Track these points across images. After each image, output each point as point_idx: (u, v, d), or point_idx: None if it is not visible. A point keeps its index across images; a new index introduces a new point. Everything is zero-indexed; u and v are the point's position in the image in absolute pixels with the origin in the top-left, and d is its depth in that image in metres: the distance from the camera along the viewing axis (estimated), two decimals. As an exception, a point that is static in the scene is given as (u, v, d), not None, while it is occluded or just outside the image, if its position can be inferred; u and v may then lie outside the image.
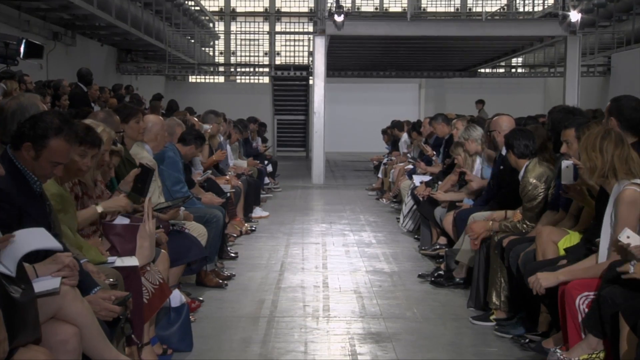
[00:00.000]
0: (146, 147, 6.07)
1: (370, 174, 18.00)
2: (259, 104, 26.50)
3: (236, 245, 8.57)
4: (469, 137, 7.35)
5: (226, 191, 8.39)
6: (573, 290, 3.92)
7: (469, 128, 7.45)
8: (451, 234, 7.06)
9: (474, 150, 7.39)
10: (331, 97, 19.76)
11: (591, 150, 4.03)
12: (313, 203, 13.16)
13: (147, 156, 5.93)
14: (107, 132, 4.59)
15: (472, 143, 7.37)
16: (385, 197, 12.62)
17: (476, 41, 18.02)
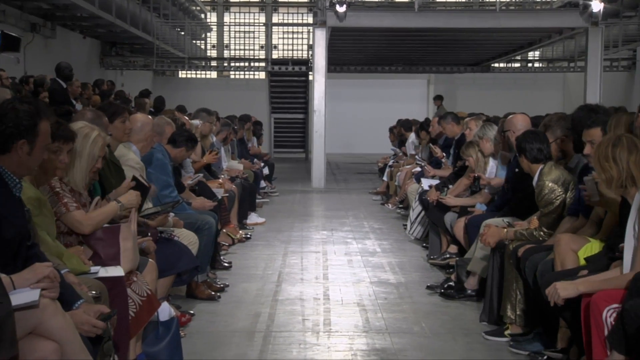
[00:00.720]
0: (133, 147, 6.08)
1: (374, 177, 18.01)
2: (255, 102, 26.53)
3: (230, 254, 8.57)
4: (484, 135, 7.36)
5: (219, 196, 8.40)
6: (600, 302, 3.90)
7: (486, 126, 7.46)
8: (462, 241, 7.07)
9: (489, 150, 7.40)
10: (332, 94, 19.79)
11: (604, 160, 4.06)
12: (313, 208, 13.16)
13: (134, 158, 5.94)
14: (102, 137, 4.61)
15: (487, 143, 7.37)
16: (391, 202, 12.63)
17: (489, 33, 18.04)
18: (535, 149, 5.68)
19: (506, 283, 5.49)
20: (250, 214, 10.80)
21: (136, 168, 5.91)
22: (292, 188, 15.78)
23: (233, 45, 28.72)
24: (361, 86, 28.84)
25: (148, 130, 6.22)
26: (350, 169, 21.12)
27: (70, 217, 4.31)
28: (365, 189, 15.55)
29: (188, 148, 7.41)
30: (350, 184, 17.16)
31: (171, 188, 6.67)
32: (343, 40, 18.91)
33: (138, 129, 6.12)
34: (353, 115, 28.67)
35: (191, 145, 7.46)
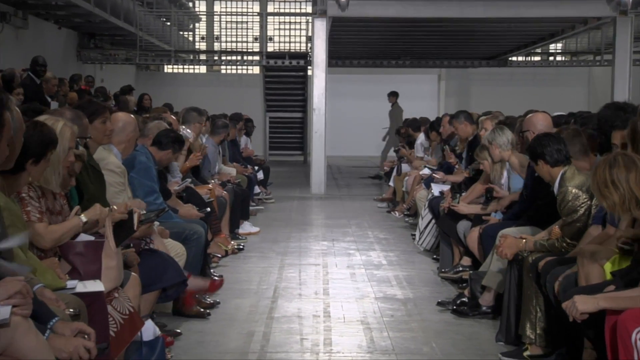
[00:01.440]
0: (114, 150, 6.09)
1: (379, 182, 18.01)
2: (248, 99, 26.55)
3: (221, 267, 8.59)
4: (493, 140, 7.37)
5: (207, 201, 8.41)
6: (628, 322, 3.87)
7: (495, 131, 7.46)
8: (476, 253, 7.08)
9: (498, 157, 7.41)
10: (334, 90, 19.84)
11: (603, 186, 4.09)
12: (312, 217, 13.17)
13: (115, 161, 5.95)
14: (69, 127, 4.60)
15: (496, 149, 7.38)
16: (398, 209, 12.64)
17: (507, 24, 18.07)
18: (554, 150, 5.67)
19: (525, 299, 5.49)
20: (243, 222, 10.80)
21: (117, 172, 5.92)
22: (289, 194, 15.79)
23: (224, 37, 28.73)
24: (365, 82, 28.87)
25: (130, 130, 6.23)
26: (353, 173, 21.14)
27: (30, 229, 4.18)
28: (369, 195, 15.56)
29: (175, 150, 7.42)
30: (353, 189, 17.17)
31: (156, 194, 6.68)
32: (345, 31, 18.94)
33: (119, 129, 6.13)
34: (356, 114, 28.69)
35: (178, 147, 7.48)
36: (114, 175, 5.89)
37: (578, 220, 5.46)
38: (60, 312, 3.55)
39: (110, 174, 5.83)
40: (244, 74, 29.61)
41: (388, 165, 15.68)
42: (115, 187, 5.89)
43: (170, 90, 26.42)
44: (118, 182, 5.92)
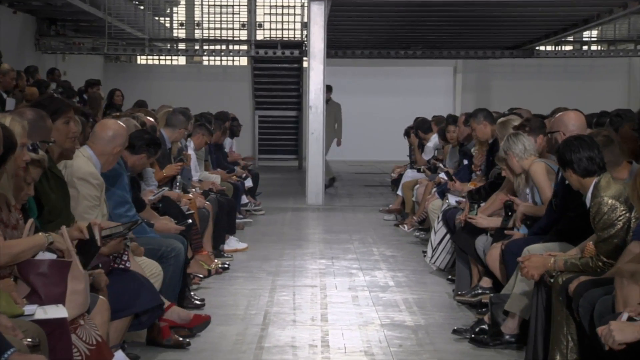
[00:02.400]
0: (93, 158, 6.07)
1: (386, 190, 18.02)
2: (234, 95, 26.53)
3: (203, 288, 8.59)
4: (509, 150, 7.37)
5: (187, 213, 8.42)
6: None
7: (510, 138, 7.45)
8: (498, 273, 7.08)
9: (518, 169, 7.41)
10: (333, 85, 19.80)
11: None
12: (308, 231, 13.17)
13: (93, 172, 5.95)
14: (18, 121, 4.59)
15: (513, 160, 7.38)
16: (408, 222, 12.64)
17: (534, 8, 18.08)
18: (585, 159, 5.63)
19: (554, 326, 5.50)
20: (228, 238, 10.80)
21: (93, 184, 5.92)
22: (282, 205, 15.79)
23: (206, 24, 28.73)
24: (369, 76, 28.87)
25: (119, 143, 6.24)
26: (356, 181, 21.15)
27: None
28: (374, 206, 15.56)
29: (150, 154, 7.43)
30: (355, 199, 17.18)
31: (128, 205, 6.68)
32: (346, 17, 18.95)
33: (107, 139, 6.15)
34: (359, 112, 28.63)
35: (154, 150, 7.48)
36: (90, 187, 5.89)
37: (615, 236, 5.44)
38: (17, 342, 3.55)
39: (84, 184, 5.84)
40: (230, 66, 29.59)
41: (397, 172, 15.71)
42: (89, 201, 5.89)
43: (144, 85, 26.41)
44: (93, 195, 5.92)
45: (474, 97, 27.74)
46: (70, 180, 5.85)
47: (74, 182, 5.87)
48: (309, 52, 16.30)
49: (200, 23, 28.03)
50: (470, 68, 28.97)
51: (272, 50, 24.64)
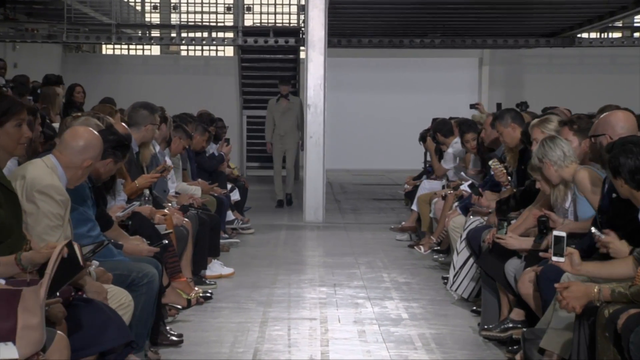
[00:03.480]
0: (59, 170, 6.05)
1: (399, 205, 18.01)
2: (218, 91, 26.57)
3: (181, 322, 8.56)
4: (544, 157, 7.35)
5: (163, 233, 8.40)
6: None
7: (546, 143, 7.42)
8: (532, 303, 7.06)
9: (557, 179, 7.38)
10: (336, 80, 19.88)
11: None
12: (306, 253, 13.16)
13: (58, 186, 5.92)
14: None
15: (550, 168, 7.36)
16: (424, 243, 12.63)
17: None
18: (636, 167, 5.63)
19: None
20: (211, 261, 10.79)
21: (57, 201, 5.89)
22: (275, 222, 15.80)
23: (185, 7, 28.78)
24: (379, 69, 28.89)
25: (91, 155, 6.16)
26: (363, 194, 21.14)
27: None
28: (384, 223, 15.55)
29: (117, 158, 7.38)
30: (362, 216, 17.18)
31: (91, 223, 6.66)
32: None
33: (78, 150, 6.08)
34: (366, 112, 28.71)
35: (121, 153, 7.43)
36: (52, 203, 5.86)
37: (673, 260, 5.45)
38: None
39: (46, 200, 5.80)
40: (213, 57, 29.62)
41: (411, 183, 15.68)
42: (51, 220, 5.86)
43: (110, 80, 26.43)
44: (56, 213, 5.89)
45: (503, 94, 27.69)
46: (28, 193, 5.82)
47: (32, 196, 5.83)
48: (306, 41, 16.28)
49: (177, 6, 28.02)
50: (499, 60, 28.97)
51: (263, 38, 24.62)
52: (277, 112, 18.75)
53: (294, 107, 18.71)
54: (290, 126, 18.60)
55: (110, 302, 5.75)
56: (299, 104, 18.67)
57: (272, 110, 18.92)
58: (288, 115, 18.61)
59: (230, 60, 28.26)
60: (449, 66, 29.12)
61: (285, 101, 18.74)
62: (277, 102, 18.80)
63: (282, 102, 18.75)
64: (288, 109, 18.61)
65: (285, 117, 18.66)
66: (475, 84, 29.63)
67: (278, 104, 18.79)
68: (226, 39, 25.39)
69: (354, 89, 28.63)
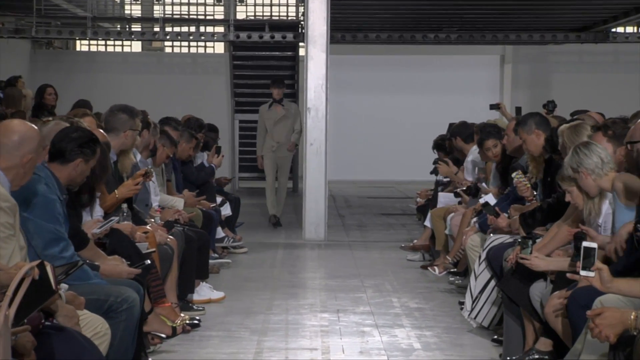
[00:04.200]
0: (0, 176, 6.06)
1: (410, 221, 18.01)
2: (207, 93, 26.57)
3: (165, 352, 8.55)
4: (580, 166, 7.34)
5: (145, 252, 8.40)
6: None
7: (580, 150, 7.41)
8: (560, 332, 7.06)
9: (594, 190, 7.37)
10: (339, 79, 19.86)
11: None
12: (306, 274, 13.17)
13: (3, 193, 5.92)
14: None
15: (587, 178, 7.34)
16: (439, 263, 12.62)
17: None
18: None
19: (637, 404, 5.47)
20: (199, 284, 10.78)
21: (3, 209, 5.89)
22: (271, 240, 15.82)
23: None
24: (387, 67, 28.91)
25: (29, 149, 6.15)
26: (369, 208, 21.15)
27: None
28: (394, 241, 15.57)
29: (87, 157, 7.29)
30: (369, 232, 17.19)
31: (64, 243, 6.64)
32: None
33: (13, 146, 6.06)
34: (374, 116, 28.72)
35: (90, 150, 7.34)
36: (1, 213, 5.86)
37: None
38: None
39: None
40: (201, 55, 29.64)
41: (424, 196, 15.66)
42: (2, 231, 5.87)
43: (85, 80, 26.43)
44: (4, 222, 5.89)
45: (528, 96, 27.72)
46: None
47: None
48: (306, 36, 16.31)
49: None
50: (523, 57, 28.98)
51: (258, 33, 24.62)
52: (270, 120, 18.15)
53: (290, 114, 18.26)
54: (285, 137, 18.07)
55: (84, 330, 5.74)
56: (296, 111, 18.40)
57: (263, 118, 18.33)
58: (282, 124, 18.07)
59: (220, 57, 28.28)
60: (466, 64, 29.14)
61: (279, 107, 18.18)
62: (270, 109, 18.24)
63: (276, 109, 18.20)
64: (282, 116, 18.04)
65: (279, 127, 18.10)
66: (497, 84, 29.64)
67: (271, 110, 18.20)
68: (216, 34, 25.42)
69: (359, 90, 28.64)
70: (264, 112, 18.39)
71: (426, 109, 27.48)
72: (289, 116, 18.18)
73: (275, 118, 18.11)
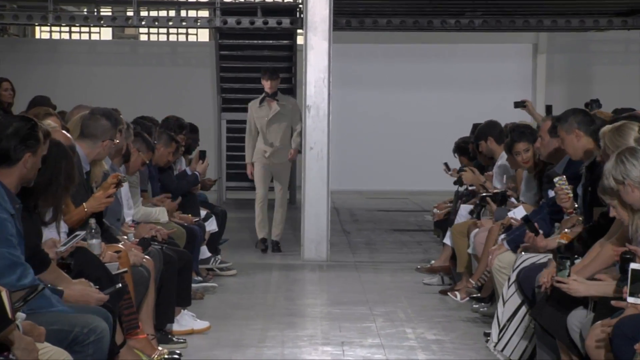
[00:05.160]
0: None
1: (427, 237, 18.02)
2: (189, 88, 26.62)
3: (138, 393, 8.57)
4: (626, 177, 7.35)
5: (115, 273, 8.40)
6: None
7: (625, 158, 7.41)
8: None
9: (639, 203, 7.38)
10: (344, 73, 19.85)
11: None
12: (305, 301, 13.18)
13: None
14: None
15: (634, 191, 7.35)
16: (461, 288, 12.63)
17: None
18: None
19: None
20: (180, 312, 10.79)
21: None
22: (264, 260, 15.85)
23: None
24: (400, 58, 28.96)
25: None
26: (379, 223, 21.17)
27: None
28: (408, 262, 15.58)
29: (31, 148, 7.21)
30: (378, 252, 17.23)
31: (21, 268, 6.64)
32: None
33: None
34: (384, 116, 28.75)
35: (36, 141, 7.29)
36: None
37: None
38: None
39: None
40: (182, 43, 29.69)
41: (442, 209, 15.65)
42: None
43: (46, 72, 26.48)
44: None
45: (565, 91, 27.78)
46: None
47: None
48: (305, 22, 16.33)
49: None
50: (560, 46, 29.02)
51: (249, 18, 24.60)
52: (262, 118, 17.33)
53: (287, 111, 17.51)
54: (281, 139, 17.26)
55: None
56: (294, 107, 17.72)
57: (253, 116, 17.51)
58: (277, 123, 17.30)
59: (204, 47, 28.36)
60: (493, 55, 29.17)
61: (273, 103, 17.29)
62: (262, 105, 17.40)
63: (269, 105, 17.35)
64: (277, 113, 17.25)
65: (273, 127, 17.33)
66: (528, 78, 29.66)
67: (263, 107, 17.39)
68: (199, 19, 25.40)
69: (367, 86, 28.69)
70: (254, 109, 17.55)
71: (446, 108, 27.52)
72: (285, 113, 17.37)
73: (267, 116, 17.27)
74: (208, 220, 14.00)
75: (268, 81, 17.36)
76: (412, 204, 23.85)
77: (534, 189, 11.74)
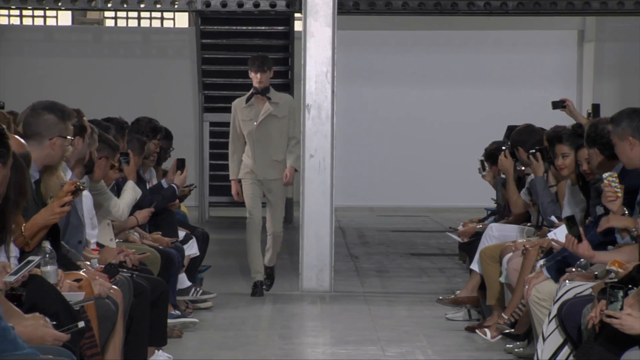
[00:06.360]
0: None
1: (450, 263, 18.06)
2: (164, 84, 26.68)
3: None
4: None
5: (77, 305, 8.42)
6: None
7: None
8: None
9: None
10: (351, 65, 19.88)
11: None
12: (304, 340, 13.22)
13: None
14: None
15: None
16: (492, 324, 12.66)
17: None
18: None
19: None
20: (154, 352, 10.82)
21: None
22: (254, 291, 15.83)
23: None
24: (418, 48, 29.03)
25: None
26: (393, 246, 21.22)
27: None
28: (428, 293, 15.63)
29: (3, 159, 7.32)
30: (392, 280, 17.26)
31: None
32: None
33: None
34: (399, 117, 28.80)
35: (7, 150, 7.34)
36: None
37: None
38: None
39: None
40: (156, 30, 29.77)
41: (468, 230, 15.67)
42: None
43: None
44: None
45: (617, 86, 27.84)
46: None
47: None
48: (305, 5, 16.37)
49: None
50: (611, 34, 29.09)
51: (237, 2, 24.70)
52: (248, 122, 16.28)
53: (281, 111, 16.47)
54: (274, 146, 16.29)
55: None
56: (291, 106, 16.69)
57: (238, 117, 16.47)
58: (268, 126, 16.25)
59: (183, 34, 28.44)
60: (530, 44, 29.24)
61: (263, 102, 16.25)
62: (249, 104, 16.35)
63: (258, 104, 16.31)
64: (269, 116, 16.21)
65: (263, 131, 16.28)
66: (572, 71, 29.72)
67: (250, 107, 16.34)
68: (177, 1, 25.48)
69: (378, 81, 28.74)
70: (239, 109, 16.47)
71: (473, 107, 27.60)
72: (278, 115, 16.37)
73: (256, 119, 16.21)
74: (187, 243, 13.99)
75: (257, 74, 16.30)
76: (433, 223, 23.91)
77: (582, 202, 11.74)
